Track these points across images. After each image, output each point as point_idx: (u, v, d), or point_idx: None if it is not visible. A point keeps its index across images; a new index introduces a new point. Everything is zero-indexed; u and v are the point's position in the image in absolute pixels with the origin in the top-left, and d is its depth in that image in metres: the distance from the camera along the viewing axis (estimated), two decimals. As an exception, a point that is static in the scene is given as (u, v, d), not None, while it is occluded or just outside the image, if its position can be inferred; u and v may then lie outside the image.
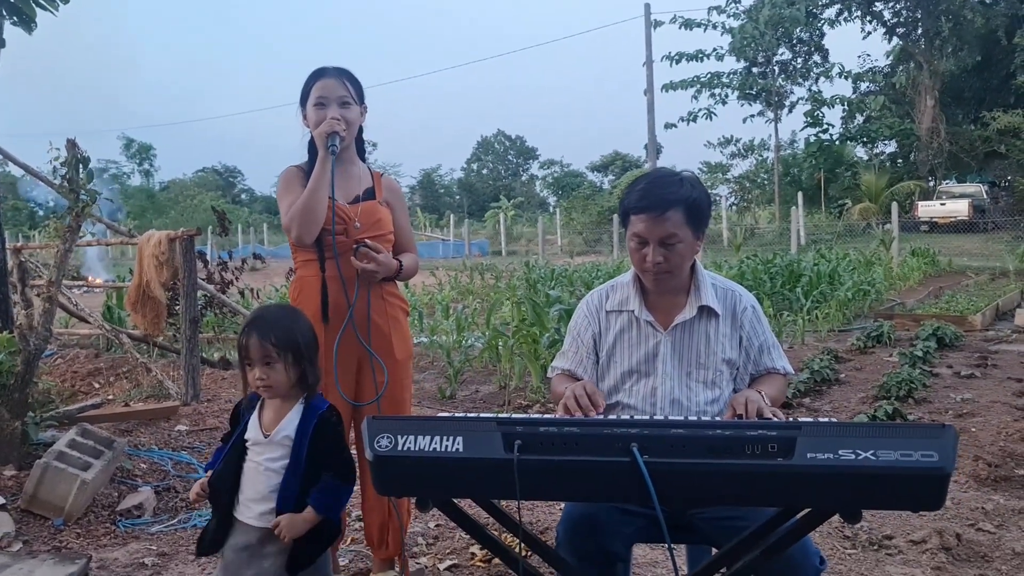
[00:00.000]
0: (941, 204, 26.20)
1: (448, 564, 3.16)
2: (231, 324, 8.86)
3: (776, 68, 32.29)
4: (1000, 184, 31.19)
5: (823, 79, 32.30)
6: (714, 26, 29.84)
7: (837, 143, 32.95)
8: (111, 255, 22.33)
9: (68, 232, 4.24)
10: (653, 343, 2.20)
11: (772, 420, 1.84)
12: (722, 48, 30.60)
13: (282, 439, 2.09)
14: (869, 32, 32.71)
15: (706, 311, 2.20)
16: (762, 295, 10.02)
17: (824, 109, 31.76)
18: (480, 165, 69.28)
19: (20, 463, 3.88)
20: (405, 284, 8.25)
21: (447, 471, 1.55)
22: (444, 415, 1.67)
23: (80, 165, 4.16)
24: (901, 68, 32.83)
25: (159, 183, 62.50)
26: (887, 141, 33.65)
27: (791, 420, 1.73)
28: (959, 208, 25.46)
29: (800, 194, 26.48)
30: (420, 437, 1.55)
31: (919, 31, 31.93)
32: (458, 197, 65.77)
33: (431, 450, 1.54)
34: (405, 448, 1.55)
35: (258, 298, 9.39)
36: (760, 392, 2.04)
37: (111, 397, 6.26)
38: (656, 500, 1.48)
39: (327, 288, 2.69)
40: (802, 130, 36.18)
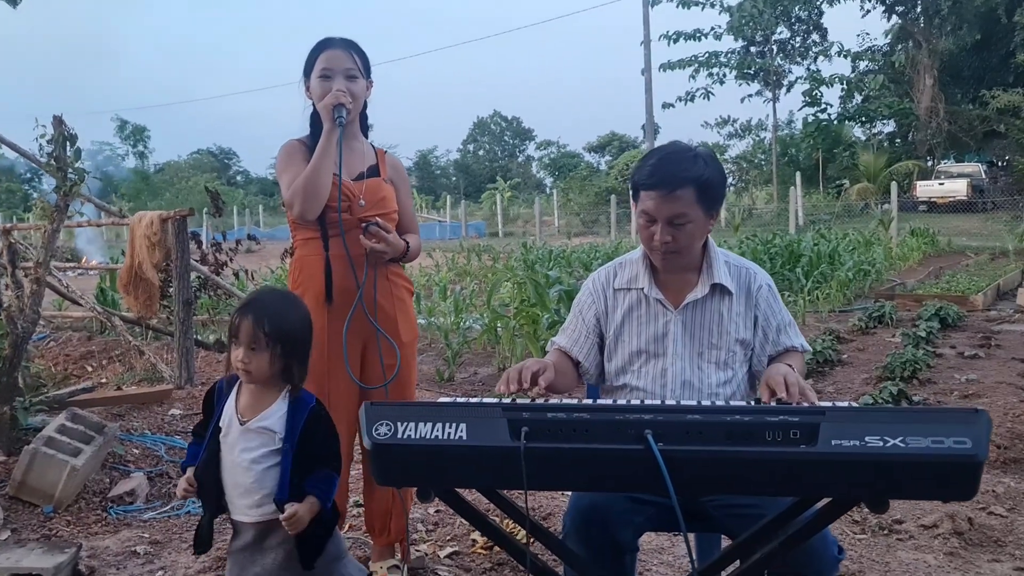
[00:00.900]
0: (940, 184, 26.12)
1: (449, 551, 3.08)
2: (226, 306, 8.75)
3: (775, 47, 31.94)
4: (999, 164, 31.09)
5: (822, 58, 31.93)
6: (712, 4, 29.53)
7: (835, 123, 32.80)
8: (105, 237, 22.13)
9: (56, 212, 4.12)
10: (663, 322, 2.10)
11: (806, 405, 1.67)
12: (720, 27, 30.31)
13: (259, 429, 1.99)
14: (868, 10, 32.51)
15: (719, 289, 2.10)
16: (762, 276, 9.95)
17: (822, 88, 31.48)
18: (476, 146, 68.77)
19: (9, 449, 3.78)
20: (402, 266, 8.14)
21: (450, 460, 1.47)
22: (445, 400, 1.59)
23: (67, 142, 4.02)
24: (900, 47, 32.64)
25: (154, 165, 62.03)
26: (886, 121, 33.51)
27: (813, 405, 1.64)
28: (958, 188, 25.39)
29: (798, 174, 26.38)
30: (421, 424, 1.47)
31: (918, 9, 31.73)
32: (454, 178, 65.31)
33: (433, 438, 1.46)
34: (405, 436, 1.46)
35: (253, 280, 9.28)
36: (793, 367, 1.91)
37: (104, 380, 6.16)
38: (672, 490, 1.39)
39: (331, 268, 2.58)
40: (800, 110, 36.10)
